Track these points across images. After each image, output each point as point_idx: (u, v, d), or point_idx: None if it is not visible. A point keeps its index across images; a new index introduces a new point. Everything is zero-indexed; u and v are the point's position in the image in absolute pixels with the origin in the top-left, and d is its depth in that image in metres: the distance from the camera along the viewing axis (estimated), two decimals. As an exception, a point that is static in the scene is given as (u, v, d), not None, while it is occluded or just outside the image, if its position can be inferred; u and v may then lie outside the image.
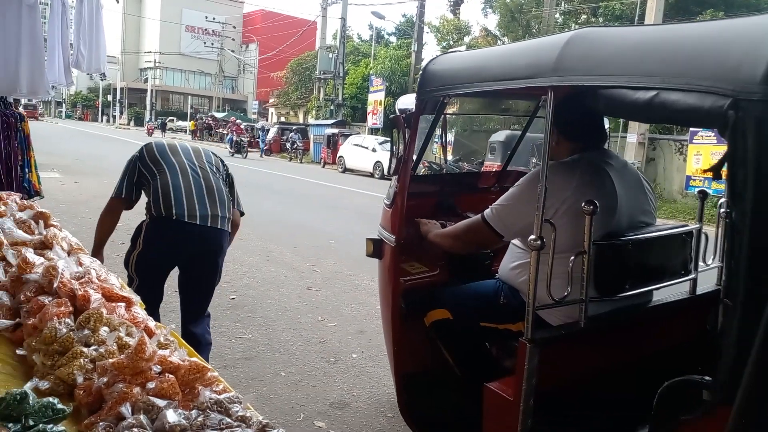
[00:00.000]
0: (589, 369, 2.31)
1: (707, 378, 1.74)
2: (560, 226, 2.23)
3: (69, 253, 2.75)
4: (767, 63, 1.48)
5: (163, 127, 47.58)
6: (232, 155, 28.97)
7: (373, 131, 29.27)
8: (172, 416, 1.46)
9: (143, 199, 3.59)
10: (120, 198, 3.57)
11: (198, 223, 3.39)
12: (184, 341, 2.08)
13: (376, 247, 3.23)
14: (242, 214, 4.04)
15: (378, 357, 4.86)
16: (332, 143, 28.35)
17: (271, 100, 51.31)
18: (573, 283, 2.23)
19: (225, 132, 40.13)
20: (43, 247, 2.80)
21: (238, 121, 35.35)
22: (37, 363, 1.84)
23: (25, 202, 3.79)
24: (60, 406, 1.58)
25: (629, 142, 18.45)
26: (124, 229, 3.97)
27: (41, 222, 3.10)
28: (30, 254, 2.46)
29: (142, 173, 3.51)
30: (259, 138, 34.20)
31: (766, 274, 1.54)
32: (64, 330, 1.89)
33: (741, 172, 1.53)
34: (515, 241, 2.71)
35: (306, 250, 8.73)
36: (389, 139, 3.26)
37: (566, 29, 14.09)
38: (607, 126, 3.16)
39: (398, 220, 3.02)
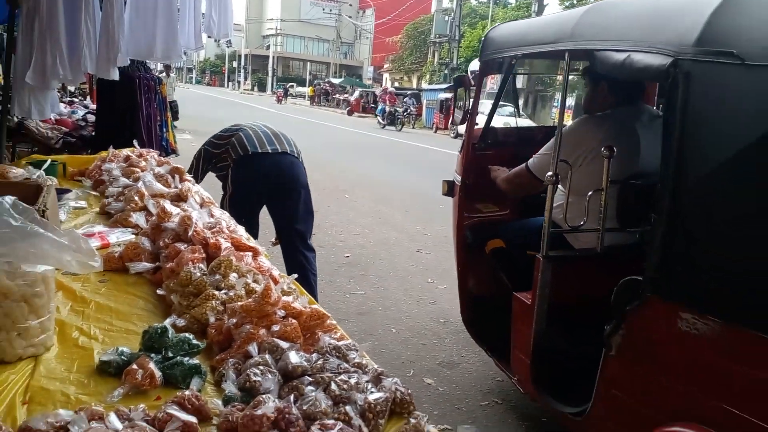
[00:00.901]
0: (595, 288, 2.52)
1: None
2: (585, 170, 2.77)
3: (201, 206, 2.96)
4: (698, 30, 1.92)
5: (285, 94, 49.27)
6: (384, 127, 26.84)
7: (489, 96, 28.55)
8: (294, 357, 1.54)
9: None
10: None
11: (270, 151, 3.95)
12: (303, 289, 2.18)
13: (449, 188, 3.92)
14: None
15: (488, 321, 4.84)
16: (445, 108, 27.99)
17: (385, 66, 51.52)
18: (590, 216, 2.67)
19: (342, 98, 40.72)
20: (179, 199, 3.03)
21: (390, 89, 32.32)
22: (175, 302, 2.01)
23: (163, 158, 4.12)
24: (195, 341, 1.72)
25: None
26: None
27: (177, 176, 3.34)
28: (168, 205, 2.66)
29: (216, 154, 4.14)
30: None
31: (681, 194, 2.00)
32: (198, 274, 2.05)
33: (672, 115, 2.00)
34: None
35: (416, 213, 8.80)
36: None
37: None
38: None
39: (464, 163, 3.67)
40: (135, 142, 4.32)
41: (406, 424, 1.38)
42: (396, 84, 45.10)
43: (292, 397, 1.39)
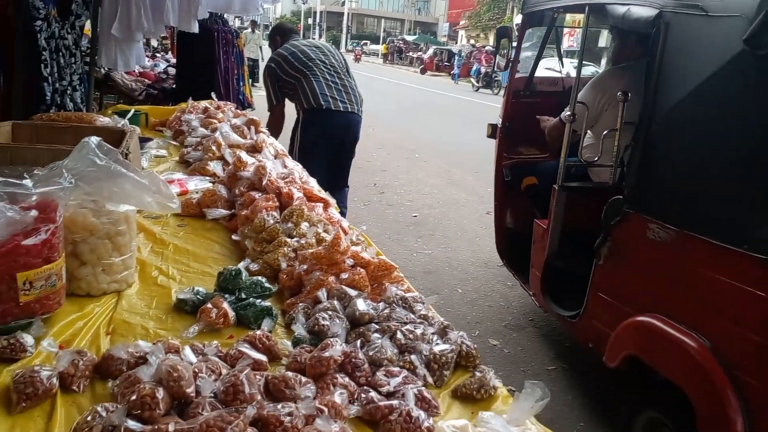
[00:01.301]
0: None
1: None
2: (608, 115, 3.08)
3: (275, 157, 3.01)
4: None
5: (362, 52, 48.86)
6: (477, 90, 24.93)
7: (569, 54, 27.30)
8: (362, 305, 1.55)
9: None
10: (278, 104, 4.40)
11: (342, 110, 4.15)
12: (371, 242, 2.18)
13: (492, 130, 4.29)
14: None
15: (557, 286, 4.74)
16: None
17: (461, 23, 50.17)
18: (604, 154, 2.99)
19: (416, 56, 39.92)
20: (254, 150, 3.09)
21: (487, 48, 29.24)
22: (249, 248, 2.07)
23: (239, 110, 4.20)
24: (267, 285, 1.76)
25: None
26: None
27: (252, 128, 3.40)
28: (243, 155, 2.72)
29: (286, 81, 4.24)
30: (453, 62, 33.07)
31: (652, 125, 2.43)
32: (271, 221, 2.09)
33: (653, 59, 2.40)
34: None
35: (487, 175, 8.60)
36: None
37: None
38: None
39: (506, 109, 4.09)
40: (213, 95, 4.43)
41: (471, 377, 1.37)
42: (471, 42, 43.87)
43: (358, 342, 1.41)
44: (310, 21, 71.13)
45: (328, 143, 4.23)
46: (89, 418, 1.09)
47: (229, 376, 1.19)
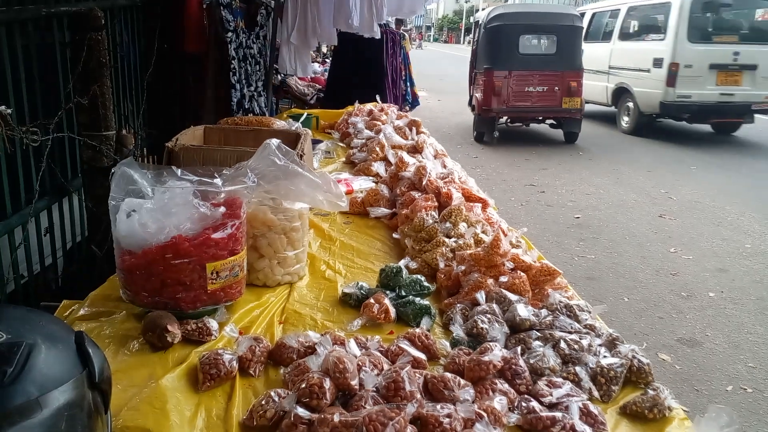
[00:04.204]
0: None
1: None
2: None
3: (435, 157, 3.04)
4: None
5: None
6: None
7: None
8: (522, 311, 1.52)
9: None
10: None
11: None
12: (532, 245, 2.12)
13: None
14: None
15: (742, 300, 4.25)
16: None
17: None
18: None
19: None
20: (415, 150, 3.16)
21: None
22: (408, 246, 2.11)
23: (402, 112, 4.31)
24: (426, 283, 1.79)
25: None
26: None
27: (414, 129, 3.48)
28: (405, 155, 2.79)
29: None
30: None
31: None
32: (430, 221, 2.11)
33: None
34: None
35: (662, 174, 7.97)
36: None
37: None
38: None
39: None
40: (377, 97, 4.59)
41: (643, 394, 1.27)
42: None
43: (519, 349, 1.37)
44: (471, 20, 70.77)
45: None
46: (263, 402, 1.19)
47: (390, 372, 1.23)
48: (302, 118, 3.78)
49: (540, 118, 9.75)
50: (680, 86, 9.22)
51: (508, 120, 9.91)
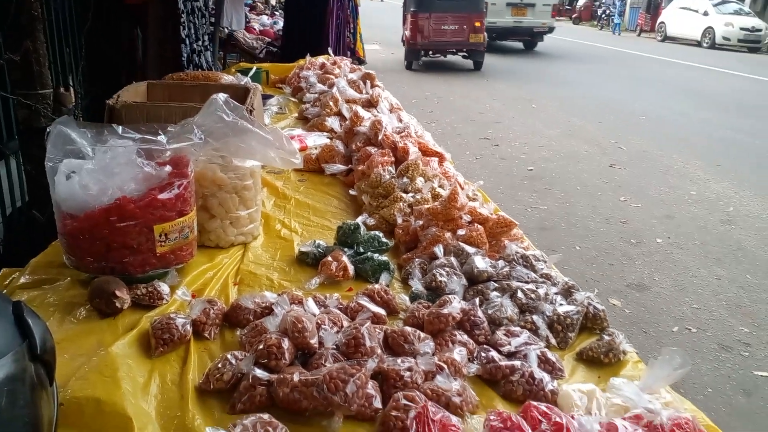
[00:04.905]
0: None
1: None
2: None
3: (390, 111, 2.99)
4: None
5: None
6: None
7: None
8: (480, 262, 1.52)
9: None
10: None
11: None
12: (488, 197, 2.13)
13: None
14: None
15: (687, 245, 4.42)
16: (653, 7, 24.80)
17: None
18: None
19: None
20: (370, 104, 3.09)
21: None
22: (365, 203, 2.08)
23: (355, 65, 4.21)
24: (384, 239, 1.77)
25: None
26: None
27: (368, 82, 3.40)
28: (360, 110, 2.73)
29: None
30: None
31: None
32: (387, 176, 2.08)
33: None
34: None
35: (611, 125, 8.13)
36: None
37: None
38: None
39: None
40: (329, 50, 4.47)
41: (599, 340, 1.30)
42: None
43: (477, 300, 1.38)
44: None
45: None
46: (220, 365, 1.16)
47: (350, 329, 1.22)
48: (251, 73, 3.64)
49: (454, 50, 12.90)
50: (489, 17, 13.64)
51: (431, 52, 12.97)
